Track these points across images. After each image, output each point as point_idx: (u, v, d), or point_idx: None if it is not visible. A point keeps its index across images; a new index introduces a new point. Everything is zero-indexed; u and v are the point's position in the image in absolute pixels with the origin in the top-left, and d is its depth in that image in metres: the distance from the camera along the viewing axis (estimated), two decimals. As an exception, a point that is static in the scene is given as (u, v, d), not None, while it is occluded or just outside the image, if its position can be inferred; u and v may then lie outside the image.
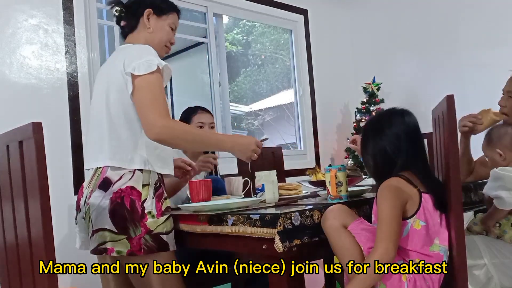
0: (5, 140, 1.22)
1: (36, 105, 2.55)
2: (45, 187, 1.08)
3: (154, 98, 1.51)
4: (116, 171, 1.54)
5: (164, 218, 1.55)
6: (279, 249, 1.27)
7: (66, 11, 2.71)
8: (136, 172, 1.54)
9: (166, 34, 1.74)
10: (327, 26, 4.43)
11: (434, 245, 1.41)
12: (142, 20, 1.70)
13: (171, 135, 1.50)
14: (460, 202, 1.37)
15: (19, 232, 1.18)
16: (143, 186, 1.54)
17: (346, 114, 4.45)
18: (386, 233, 1.34)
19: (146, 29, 1.70)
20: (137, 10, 1.71)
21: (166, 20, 1.74)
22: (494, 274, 1.76)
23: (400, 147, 1.47)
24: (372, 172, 1.56)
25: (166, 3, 1.77)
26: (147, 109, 1.50)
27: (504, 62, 3.17)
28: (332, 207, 1.46)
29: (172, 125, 1.52)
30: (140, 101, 1.52)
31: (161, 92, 1.54)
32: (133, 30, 1.72)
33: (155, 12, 1.71)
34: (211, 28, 3.63)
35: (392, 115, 1.54)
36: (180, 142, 1.55)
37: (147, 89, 1.52)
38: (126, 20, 1.73)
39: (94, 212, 1.53)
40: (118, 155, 1.55)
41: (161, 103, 1.51)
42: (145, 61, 1.53)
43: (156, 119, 1.48)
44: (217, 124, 3.27)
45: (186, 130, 1.59)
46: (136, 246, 1.49)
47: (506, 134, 1.86)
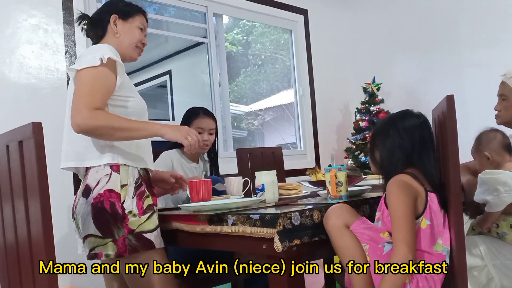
0: (5, 140, 1.22)
1: (36, 105, 2.55)
2: (45, 187, 1.08)
3: (86, 91, 1.49)
4: (93, 176, 1.56)
5: (146, 216, 1.56)
6: (278, 249, 1.27)
7: (66, 11, 2.72)
8: (112, 174, 1.55)
9: (136, 35, 1.75)
10: (327, 26, 4.43)
11: (438, 244, 1.41)
12: (110, 27, 1.73)
13: (94, 126, 1.46)
14: (460, 202, 1.37)
15: (19, 232, 1.18)
16: (121, 187, 1.55)
17: (346, 114, 4.45)
18: (402, 233, 1.33)
19: (114, 35, 1.72)
20: (103, 19, 1.74)
21: (133, 22, 1.75)
22: (495, 275, 1.76)
23: (409, 142, 1.48)
24: (380, 167, 1.56)
25: (129, 6, 1.78)
26: (74, 101, 1.48)
27: (504, 62, 3.18)
28: (334, 206, 1.46)
29: (95, 115, 1.47)
30: (74, 94, 1.51)
31: (99, 85, 1.51)
32: (101, 38, 1.75)
33: (121, 16, 1.74)
34: (211, 28, 3.63)
35: (406, 114, 1.56)
36: (105, 131, 1.49)
37: (79, 83, 1.51)
38: (94, 31, 1.76)
39: (80, 219, 1.56)
40: (90, 155, 1.57)
41: (92, 95, 1.49)
42: (91, 57, 1.53)
43: (81, 109, 1.46)
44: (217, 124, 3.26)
45: (111, 118, 1.51)
46: (121, 247, 1.51)
47: (495, 139, 1.88)
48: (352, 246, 1.40)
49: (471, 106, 3.28)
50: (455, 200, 1.36)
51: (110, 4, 1.79)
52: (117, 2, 1.78)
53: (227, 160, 3.41)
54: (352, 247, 1.40)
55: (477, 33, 3.66)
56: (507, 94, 2.02)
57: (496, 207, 1.73)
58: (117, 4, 1.78)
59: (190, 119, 2.35)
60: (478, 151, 1.91)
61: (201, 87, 4.57)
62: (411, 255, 1.32)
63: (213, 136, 2.38)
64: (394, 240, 1.35)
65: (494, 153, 1.86)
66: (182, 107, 2.48)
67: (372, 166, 1.62)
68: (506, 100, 2.03)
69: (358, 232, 1.42)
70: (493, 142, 1.88)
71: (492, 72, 2.14)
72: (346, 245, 1.40)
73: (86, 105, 1.46)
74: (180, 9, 3.63)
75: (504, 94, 2.04)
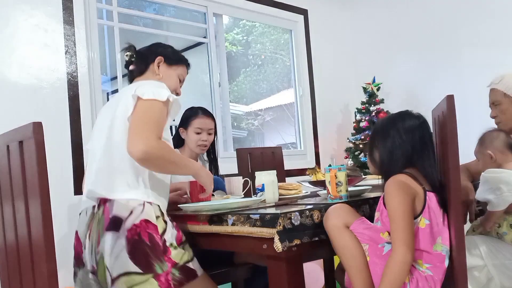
0: (5, 140, 1.22)
1: (36, 105, 2.55)
2: (45, 187, 1.08)
3: (153, 121, 1.45)
4: (123, 206, 1.43)
5: (184, 246, 1.49)
6: (278, 249, 1.27)
7: (66, 11, 2.72)
8: (146, 205, 1.45)
9: (174, 83, 1.76)
10: (327, 26, 4.43)
11: (437, 244, 1.41)
12: (152, 67, 1.73)
13: (157, 155, 1.41)
14: (460, 202, 1.37)
15: (19, 231, 1.18)
16: (156, 218, 1.45)
17: (346, 114, 4.45)
18: (401, 233, 1.34)
19: (155, 75, 1.72)
20: (148, 56, 1.74)
21: (175, 70, 1.78)
22: (495, 275, 1.76)
23: (408, 142, 1.48)
24: (379, 168, 1.56)
25: (177, 54, 1.81)
26: (139, 127, 1.42)
27: (504, 62, 3.18)
28: (334, 206, 1.46)
29: (162, 145, 1.43)
30: (133, 120, 1.45)
31: (160, 118, 1.48)
32: (141, 74, 1.74)
33: (166, 61, 1.75)
34: (211, 28, 3.64)
35: (406, 115, 1.56)
36: (163, 163, 1.44)
37: (145, 111, 1.46)
38: (136, 65, 1.76)
39: (109, 258, 1.39)
40: (121, 187, 1.47)
41: (158, 126, 1.45)
42: (156, 90, 1.51)
43: (149, 136, 1.40)
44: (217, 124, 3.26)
45: (171, 151, 1.50)
46: (164, 283, 1.39)
47: (498, 138, 1.88)
48: (352, 246, 1.40)
49: (471, 106, 3.28)
50: (455, 199, 1.36)
51: (159, 46, 1.81)
52: (167, 47, 1.81)
53: (227, 160, 3.41)
54: (352, 247, 1.40)
55: (477, 33, 3.66)
56: (499, 99, 2.06)
57: (498, 206, 1.73)
58: (167, 48, 1.80)
59: (189, 119, 2.35)
60: (482, 150, 1.91)
61: (201, 87, 4.57)
62: (409, 255, 1.32)
63: (212, 136, 2.38)
64: (393, 240, 1.35)
65: (498, 152, 1.86)
66: (182, 107, 2.48)
67: (371, 166, 1.62)
68: (500, 104, 2.06)
69: (358, 232, 1.42)
70: (496, 141, 1.88)
71: (492, 72, 2.14)
72: (346, 245, 1.40)
73: (154, 134, 1.42)
74: (180, 9, 3.63)
75: (497, 100, 2.07)
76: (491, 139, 1.90)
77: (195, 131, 2.31)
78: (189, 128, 2.33)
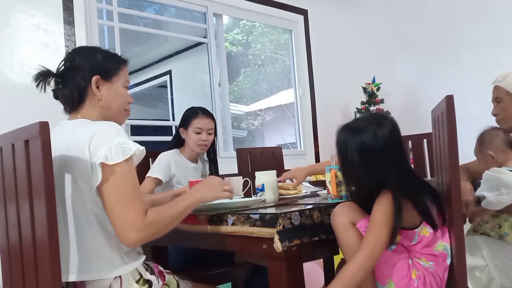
0: (11, 139, 1.22)
1: (36, 105, 2.55)
2: (50, 186, 1.08)
3: (129, 193, 1.21)
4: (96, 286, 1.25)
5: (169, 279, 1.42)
6: (278, 248, 1.27)
7: (66, 11, 2.72)
8: (122, 277, 1.27)
9: (122, 97, 1.43)
10: (327, 26, 4.43)
11: (438, 245, 1.42)
12: (90, 91, 1.38)
13: (152, 232, 1.24)
14: (459, 202, 1.37)
15: (23, 231, 1.18)
16: (136, 282, 1.30)
17: (346, 114, 4.45)
18: (372, 239, 1.32)
19: (96, 101, 1.38)
20: (80, 79, 1.38)
21: (118, 81, 1.42)
22: (496, 275, 1.76)
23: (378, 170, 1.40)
24: (361, 202, 1.47)
25: (110, 59, 1.43)
26: (118, 211, 1.20)
27: (504, 62, 3.18)
28: (342, 204, 1.47)
29: (149, 222, 1.23)
30: (114, 197, 1.20)
31: (135, 180, 1.25)
32: (79, 104, 1.40)
33: (104, 77, 1.39)
34: (211, 28, 3.64)
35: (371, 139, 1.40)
36: (163, 230, 1.28)
37: (118, 184, 1.21)
38: (68, 94, 1.40)
39: None
40: (95, 265, 1.25)
41: (136, 197, 1.23)
42: (117, 145, 1.21)
43: (132, 222, 1.20)
44: (217, 124, 3.26)
45: (164, 215, 1.29)
46: None
47: (497, 136, 1.88)
48: (357, 243, 1.40)
49: (471, 106, 3.28)
50: (455, 200, 1.36)
51: (85, 59, 1.39)
52: (95, 56, 1.40)
53: (227, 160, 3.41)
54: (357, 244, 1.40)
55: (477, 33, 3.66)
56: (501, 96, 2.04)
57: (493, 205, 1.71)
58: (95, 58, 1.40)
59: (189, 119, 2.35)
60: (482, 151, 1.90)
61: (201, 87, 4.58)
62: (370, 263, 1.31)
63: (212, 136, 2.38)
64: (362, 242, 1.34)
65: (499, 151, 1.85)
66: (182, 107, 2.48)
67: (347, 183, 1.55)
68: (501, 102, 2.05)
69: (364, 230, 1.42)
70: (496, 140, 1.87)
71: (492, 72, 2.14)
72: (351, 242, 1.41)
73: (137, 215, 1.20)
74: (180, 9, 3.63)
75: (499, 97, 2.05)
76: (491, 138, 1.89)
77: (195, 131, 2.31)
78: (189, 128, 2.34)
